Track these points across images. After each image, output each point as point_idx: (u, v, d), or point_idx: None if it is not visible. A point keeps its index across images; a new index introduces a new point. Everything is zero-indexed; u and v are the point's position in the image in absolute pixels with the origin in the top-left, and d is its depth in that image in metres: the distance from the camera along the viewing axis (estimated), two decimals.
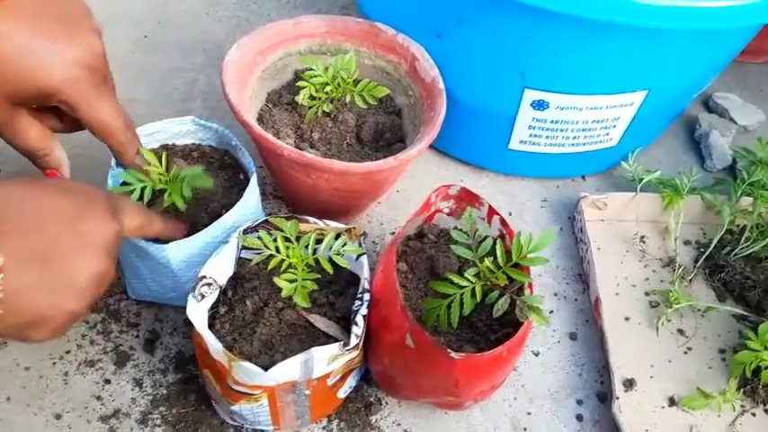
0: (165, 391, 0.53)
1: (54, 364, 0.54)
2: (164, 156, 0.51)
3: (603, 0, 0.48)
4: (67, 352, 0.54)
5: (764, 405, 0.58)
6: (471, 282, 0.47)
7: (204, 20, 0.84)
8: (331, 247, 0.49)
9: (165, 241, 0.49)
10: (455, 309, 0.47)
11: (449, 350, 0.43)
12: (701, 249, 0.69)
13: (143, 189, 0.50)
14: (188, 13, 0.84)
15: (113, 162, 0.52)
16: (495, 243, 0.48)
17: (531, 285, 0.48)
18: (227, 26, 0.84)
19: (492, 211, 0.53)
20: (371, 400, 0.55)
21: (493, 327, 0.49)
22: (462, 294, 0.47)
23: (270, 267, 0.47)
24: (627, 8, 0.48)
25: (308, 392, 0.47)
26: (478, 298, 0.47)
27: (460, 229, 0.51)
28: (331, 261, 0.49)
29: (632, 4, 0.48)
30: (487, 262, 0.47)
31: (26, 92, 0.42)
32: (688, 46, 0.57)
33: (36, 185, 0.40)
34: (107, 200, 0.43)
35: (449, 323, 0.47)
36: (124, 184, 0.51)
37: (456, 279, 0.47)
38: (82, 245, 0.39)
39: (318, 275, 0.48)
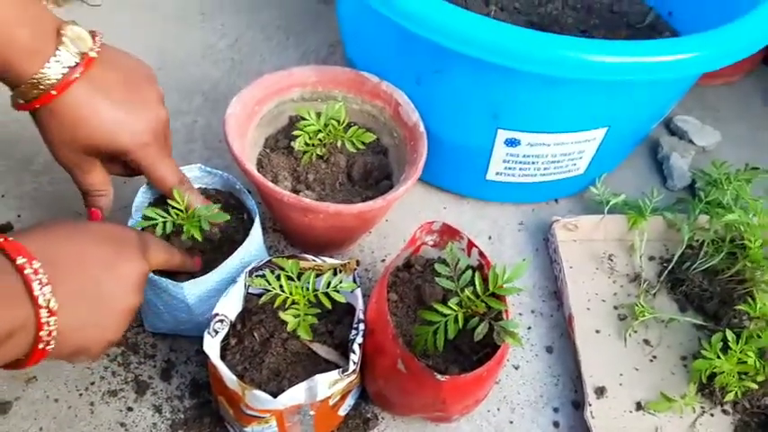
0: (182, 416, 0.59)
1: (80, 395, 0.59)
2: (186, 196, 0.58)
3: (559, 59, 0.54)
4: (92, 383, 0.60)
5: (722, 406, 0.64)
6: (454, 310, 0.53)
7: (201, 63, 0.90)
8: (329, 283, 0.55)
9: (182, 279, 0.55)
10: (440, 334, 0.53)
11: (435, 374, 0.49)
12: (665, 264, 0.75)
13: (165, 223, 0.56)
14: (185, 57, 0.90)
15: (134, 208, 0.58)
16: (473, 274, 0.54)
17: (507, 312, 0.55)
18: (222, 68, 0.89)
19: (471, 244, 0.59)
20: (369, 416, 0.61)
21: (475, 348, 0.55)
22: (446, 321, 0.53)
23: (276, 305, 0.53)
24: (579, 65, 0.55)
25: (312, 413, 0.53)
26: (461, 324, 0.53)
27: (444, 261, 0.57)
28: (328, 295, 0.55)
29: (583, 62, 0.54)
30: (467, 292, 0.53)
31: (103, 149, 0.51)
32: (640, 91, 0.63)
33: (77, 233, 0.45)
34: (137, 241, 0.49)
35: (435, 347, 0.53)
36: (147, 218, 0.57)
37: (440, 308, 0.53)
38: (119, 285, 0.46)
39: (319, 310, 0.54)
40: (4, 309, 0.38)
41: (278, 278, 0.54)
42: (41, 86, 0.47)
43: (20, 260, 0.39)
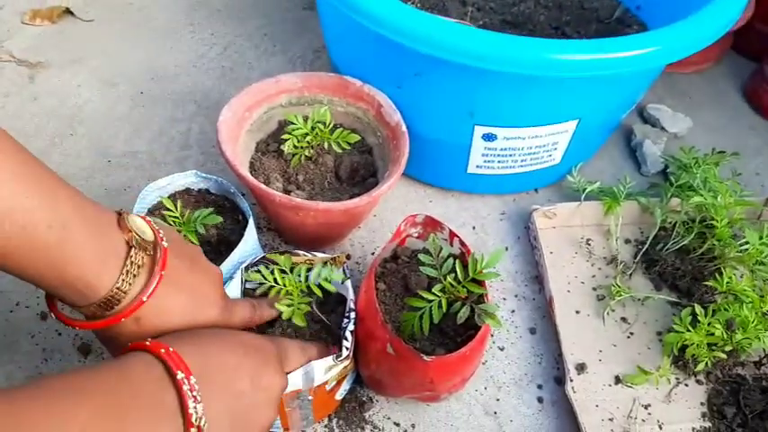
0: None
1: None
2: (178, 203, 0.62)
3: (526, 59, 0.58)
4: None
5: (695, 376, 0.68)
6: (438, 296, 0.57)
7: (192, 72, 0.93)
8: (320, 275, 0.59)
9: None
10: (426, 319, 0.56)
11: (422, 355, 0.53)
12: (639, 246, 0.79)
13: None
14: (177, 67, 0.93)
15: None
16: (455, 262, 0.58)
17: (487, 296, 0.59)
18: (213, 76, 0.93)
19: (452, 234, 0.63)
20: (364, 399, 0.64)
21: (459, 331, 0.59)
22: (431, 307, 0.57)
23: (271, 295, 0.57)
24: (546, 64, 0.58)
25: (310, 398, 0.57)
26: (444, 309, 0.57)
27: (427, 251, 0.61)
28: (321, 287, 0.59)
29: (551, 60, 0.58)
30: (450, 279, 0.57)
31: None
32: (606, 84, 0.68)
33: (225, 345, 0.46)
34: (277, 353, 0.51)
35: (422, 331, 0.57)
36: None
37: (425, 295, 0.57)
38: (261, 400, 0.46)
39: (311, 299, 0.58)
40: (155, 425, 0.38)
41: (272, 272, 0.58)
42: (123, 295, 0.43)
43: (179, 375, 0.40)
